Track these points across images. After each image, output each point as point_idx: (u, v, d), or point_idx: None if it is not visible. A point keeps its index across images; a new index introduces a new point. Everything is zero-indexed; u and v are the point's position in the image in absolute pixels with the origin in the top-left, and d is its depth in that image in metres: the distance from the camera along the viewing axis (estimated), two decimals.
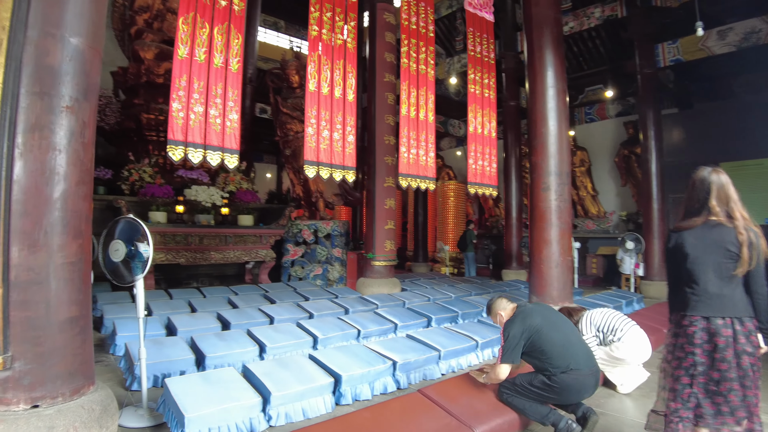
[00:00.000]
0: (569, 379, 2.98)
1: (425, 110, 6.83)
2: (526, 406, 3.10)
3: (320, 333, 4.99)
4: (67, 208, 2.39)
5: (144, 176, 8.11)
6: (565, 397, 3.07)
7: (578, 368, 3.00)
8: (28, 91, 2.30)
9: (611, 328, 4.07)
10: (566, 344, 3.07)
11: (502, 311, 3.39)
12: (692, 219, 2.35)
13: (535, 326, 3.08)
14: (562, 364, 2.98)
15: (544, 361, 3.04)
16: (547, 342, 3.04)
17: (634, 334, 4.03)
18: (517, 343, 3.05)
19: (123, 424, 3.10)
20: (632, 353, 4.00)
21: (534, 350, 3.07)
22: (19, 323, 2.24)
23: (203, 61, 4.50)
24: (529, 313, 3.19)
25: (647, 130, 9.43)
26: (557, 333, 3.11)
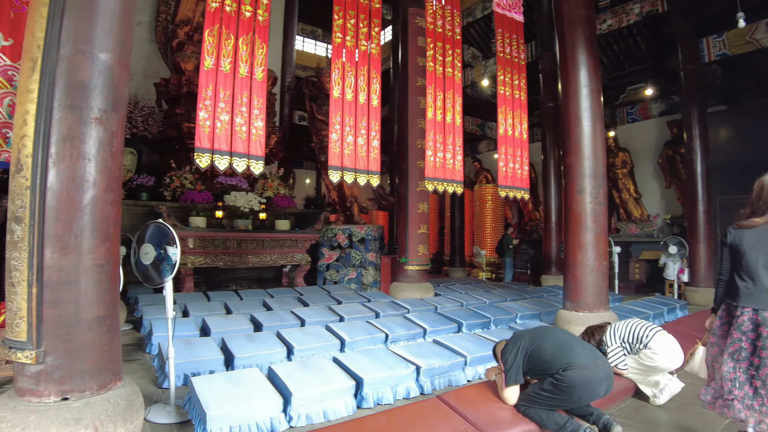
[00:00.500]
0: (573, 375, 2.95)
1: (452, 113, 6.81)
2: (543, 417, 3.06)
3: (348, 336, 5.05)
4: (96, 213, 2.54)
5: (185, 183, 8.45)
6: (577, 396, 3.00)
7: (579, 362, 2.98)
8: (61, 104, 2.46)
9: (637, 336, 3.94)
10: (561, 345, 3.11)
11: (499, 348, 3.49)
12: (754, 218, 2.58)
13: (525, 343, 3.20)
14: (561, 362, 3.00)
15: (546, 369, 3.06)
16: (541, 351, 3.11)
17: (661, 339, 3.88)
18: (515, 362, 3.15)
19: (151, 419, 3.25)
20: (661, 359, 3.84)
21: (533, 365, 3.13)
22: (51, 320, 2.39)
23: (228, 71, 4.66)
24: (519, 335, 3.32)
25: (692, 129, 9.04)
26: (549, 339, 3.18)
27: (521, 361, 3.15)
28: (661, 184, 11.67)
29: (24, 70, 2.48)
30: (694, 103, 9.13)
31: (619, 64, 12.32)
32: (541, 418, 3.06)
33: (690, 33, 9.37)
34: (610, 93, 12.51)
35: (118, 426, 2.44)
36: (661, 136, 11.73)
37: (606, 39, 11.31)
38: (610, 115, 12.68)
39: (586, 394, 3.01)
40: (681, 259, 8.62)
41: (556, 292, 8.75)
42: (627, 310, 6.90)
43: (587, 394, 3.01)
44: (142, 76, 10.50)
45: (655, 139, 11.88)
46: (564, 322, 5.83)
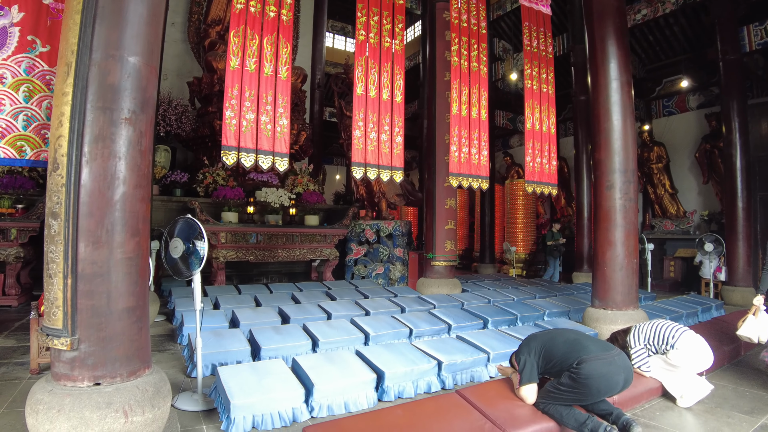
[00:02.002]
0: (588, 367, 2.97)
1: (477, 108, 6.74)
2: (563, 415, 3.04)
3: (372, 330, 5.12)
4: (126, 209, 2.67)
5: (217, 179, 8.69)
6: (596, 387, 3.00)
7: (595, 354, 3.02)
8: (93, 106, 2.60)
9: (663, 337, 3.86)
10: (572, 342, 3.16)
11: (513, 355, 3.55)
12: None
13: (538, 344, 3.25)
14: (573, 357, 3.04)
15: (561, 366, 3.10)
16: (554, 350, 3.16)
17: (688, 339, 3.79)
18: (528, 362, 3.19)
19: (178, 406, 3.40)
20: (689, 359, 3.76)
21: (548, 365, 3.17)
22: (84, 310, 2.54)
23: (254, 70, 4.77)
24: (532, 337, 3.38)
25: (731, 121, 8.68)
26: (560, 338, 3.24)
27: (535, 361, 3.19)
28: (699, 180, 11.26)
29: (59, 74, 2.63)
30: (734, 94, 8.77)
31: (655, 55, 11.93)
32: (561, 414, 3.04)
33: (730, 21, 8.98)
34: (645, 85, 12.13)
35: (146, 411, 2.57)
36: (698, 130, 11.31)
37: (641, 29, 10.96)
38: (644, 109, 12.30)
39: (605, 385, 3.01)
40: (718, 258, 8.32)
41: (587, 289, 8.60)
42: (658, 308, 6.74)
43: (605, 385, 3.01)
44: (176, 76, 10.81)
45: (692, 132, 11.47)
46: (592, 320, 5.76)
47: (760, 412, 3.62)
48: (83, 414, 2.40)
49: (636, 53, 11.83)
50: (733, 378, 4.43)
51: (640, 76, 12.01)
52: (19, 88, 3.47)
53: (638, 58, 12.00)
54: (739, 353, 5.13)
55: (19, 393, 3.53)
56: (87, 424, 2.39)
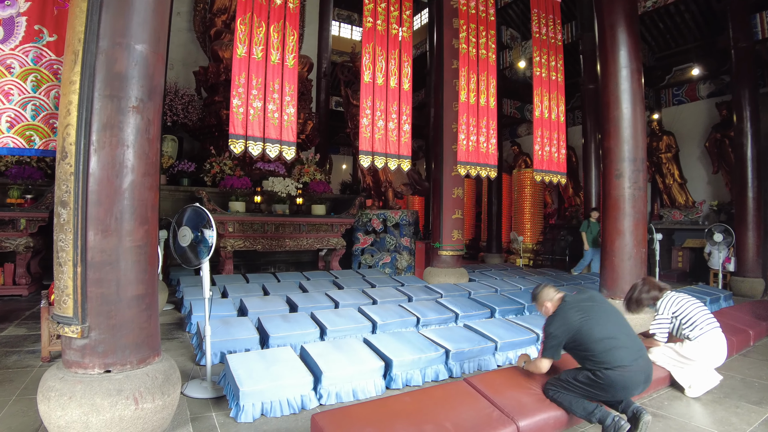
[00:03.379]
0: (614, 375, 2.90)
1: (486, 96, 6.68)
2: (572, 403, 3.03)
3: (380, 319, 5.14)
4: (135, 197, 2.68)
5: (225, 169, 8.70)
6: (612, 394, 2.98)
7: (624, 364, 2.90)
8: (101, 94, 2.60)
9: (691, 321, 3.77)
10: (610, 340, 2.97)
11: (549, 302, 3.26)
12: None
13: (575, 325, 3.03)
14: (606, 361, 2.91)
15: (588, 358, 2.99)
16: (588, 339, 2.98)
17: (714, 337, 3.74)
18: (558, 341, 3.05)
19: (188, 394, 3.43)
20: (705, 355, 3.73)
21: (576, 346, 3.04)
22: (94, 298, 2.56)
23: (260, 58, 4.75)
24: (571, 309, 3.11)
25: (742, 110, 8.55)
26: (600, 328, 3.01)
27: (563, 340, 3.04)
28: (708, 169, 11.13)
29: (66, 62, 2.63)
30: (745, 83, 8.63)
31: (666, 43, 11.74)
32: (570, 403, 3.03)
33: (742, 8, 8.82)
34: (655, 74, 11.96)
35: (156, 398, 2.60)
36: (709, 119, 11.16)
37: (651, 17, 10.77)
38: (654, 97, 12.14)
39: (621, 393, 2.98)
40: (727, 248, 8.25)
41: (594, 279, 8.56)
42: None
43: (621, 393, 2.98)
44: (182, 65, 10.79)
45: (702, 121, 11.31)
46: None
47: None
48: (94, 401, 2.43)
49: (646, 41, 11.65)
50: (742, 368, 4.41)
51: (650, 65, 11.84)
52: (27, 77, 3.47)
53: (648, 46, 11.82)
54: (748, 343, 5.11)
55: (30, 380, 3.58)
56: (98, 411, 2.42)
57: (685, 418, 3.36)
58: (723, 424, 3.26)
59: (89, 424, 2.41)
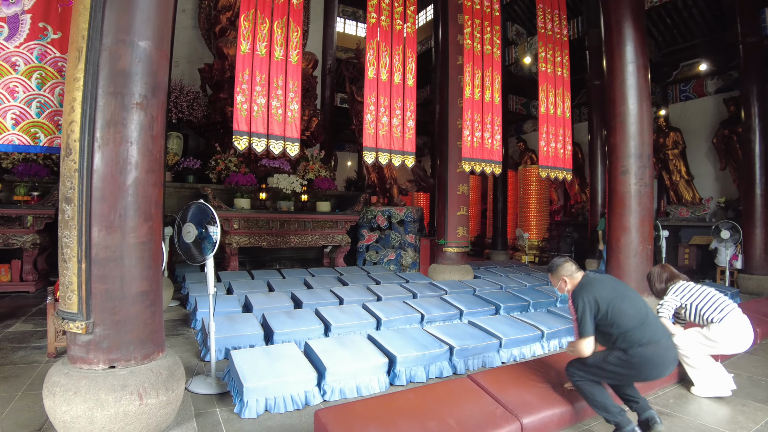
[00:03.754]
0: (648, 352, 2.76)
1: (491, 91, 6.65)
2: (595, 395, 2.89)
3: (384, 315, 5.14)
4: (138, 194, 2.68)
5: (230, 165, 8.72)
6: (645, 373, 2.83)
7: (656, 341, 2.79)
8: (104, 91, 2.60)
9: (712, 305, 3.69)
10: (641, 316, 2.85)
11: (568, 278, 3.06)
12: None
13: (605, 298, 2.85)
14: (639, 337, 2.78)
15: (618, 336, 2.82)
16: (619, 314, 2.81)
17: (737, 316, 3.65)
18: (588, 316, 2.85)
19: (192, 389, 3.44)
20: (731, 337, 3.62)
21: (605, 324, 2.85)
22: (99, 294, 2.57)
23: (264, 55, 4.75)
24: (597, 284, 2.94)
25: (750, 106, 8.47)
26: (629, 305, 2.86)
27: (592, 316, 2.85)
28: (716, 166, 11.04)
29: (70, 59, 2.63)
30: (753, 78, 8.55)
31: (672, 38, 11.64)
32: (593, 395, 2.89)
33: (750, 3, 8.73)
34: (662, 70, 11.86)
35: (160, 393, 2.61)
36: (716, 115, 11.06)
37: (658, 12, 10.69)
38: (661, 93, 12.04)
39: (655, 371, 2.83)
40: (734, 245, 8.18)
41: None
42: None
43: (656, 372, 2.83)
44: (187, 62, 10.81)
45: (710, 117, 11.21)
46: None
47: None
48: (99, 396, 2.44)
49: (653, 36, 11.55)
50: (749, 366, 4.38)
51: (657, 60, 11.74)
52: (32, 75, 3.49)
53: (655, 41, 11.73)
54: (755, 341, 5.06)
55: (37, 376, 3.61)
56: (103, 406, 2.43)
57: (690, 416, 3.34)
58: (729, 423, 3.24)
59: (94, 419, 2.42)
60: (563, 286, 3.10)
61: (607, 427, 3.11)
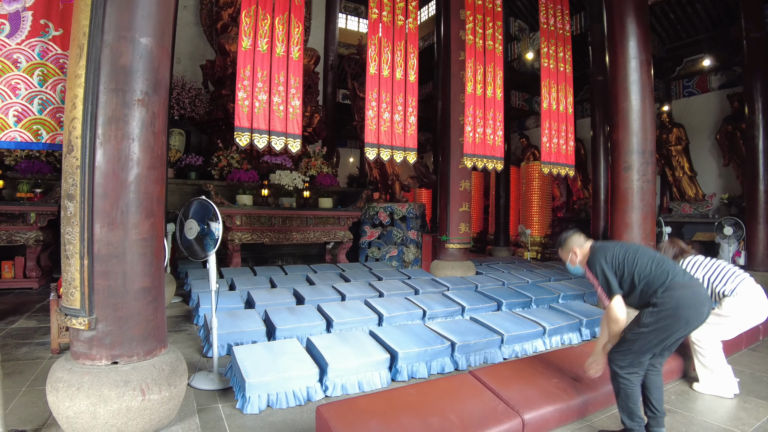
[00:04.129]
0: (677, 294, 2.63)
1: (492, 87, 6.64)
2: (629, 399, 2.74)
3: (386, 311, 5.14)
4: (140, 191, 2.69)
5: (232, 162, 8.72)
6: (684, 318, 2.63)
7: (682, 282, 2.67)
8: (106, 88, 2.61)
9: (723, 278, 3.62)
10: (658, 259, 2.77)
11: (578, 248, 3.01)
12: None
13: (618, 254, 2.81)
14: (662, 279, 2.68)
15: (643, 287, 2.73)
16: (636, 264, 2.76)
17: (750, 286, 3.57)
18: (608, 273, 2.77)
19: (195, 385, 3.46)
20: (744, 309, 3.55)
21: (627, 277, 2.77)
22: (101, 290, 2.58)
23: (265, 51, 4.74)
24: (608, 246, 2.91)
25: (754, 102, 8.41)
26: (643, 253, 2.82)
27: (612, 271, 2.78)
28: (719, 162, 11.00)
29: (72, 56, 2.64)
30: (757, 74, 8.49)
31: (676, 34, 11.59)
32: (627, 399, 2.74)
33: None
34: (665, 65, 11.81)
35: (163, 389, 2.62)
36: (720, 111, 11.01)
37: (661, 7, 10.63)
38: (664, 89, 11.99)
39: (693, 315, 2.65)
40: (737, 242, 8.15)
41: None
42: None
43: (694, 315, 2.65)
44: (189, 59, 10.81)
45: (713, 113, 11.16)
46: None
47: None
48: (102, 392, 2.45)
49: (656, 32, 11.50)
50: (750, 363, 4.38)
51: (660, 56, 11.69)
52: (34, 72, 3.49)
53: (658, 36, 11.67)
54: (757, 338, 5.06)
55: (40, 372, 3.63)
56: (105, 402, 2.45)
57: (692, 413, 3.34)
58: (731, 419, 3.24)
59: (97, 415, 2.44)
60: (574, 258, 3.04)
61: (608, 423, 3.12)
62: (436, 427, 2.60)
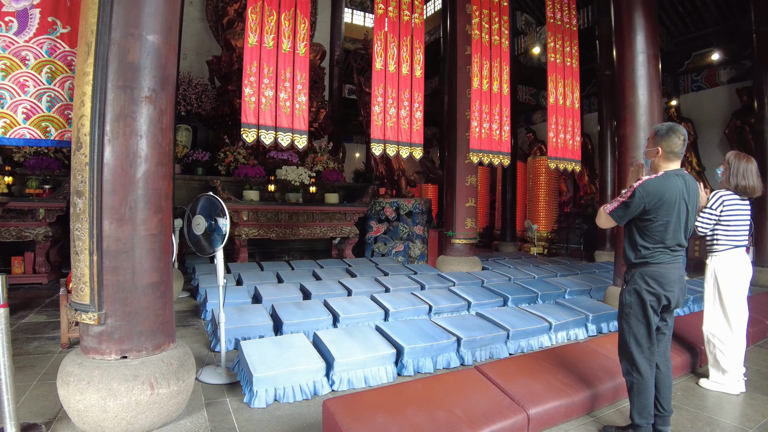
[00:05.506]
0: (647, 270, 2.66)
1: (499, 82, 6.60)
2: (641, 394, 2.72)
3: (392, 306, 5.17)
4: (148, 187, 2.71)
5: (238, 158, 8.76)
6: (655, 294, 2.64)
7: (657, 257, 2.66)
8: (114, 85, 2.62)
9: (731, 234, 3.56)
10: (665, 229, 2.64)
11: (663, 151, 2.75)
12: None
13: (665, 199, 2.60)
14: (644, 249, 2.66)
15: (629, 241, 2.73)
16: (653, 221, 2.63)
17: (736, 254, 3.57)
18: (634, 207, 2.63)
19: (202, 379, 3.49)
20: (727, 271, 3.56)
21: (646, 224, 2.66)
22: (110, 286, 2.61)
23: (272, 47, 4.75)
24: (669, 183, 2.63)
25: (763, 96, 8.32)
26: (668, 217, 2.63)
27: (643, 203, 2.60)
28: None
29: (80, 54, 2.66)
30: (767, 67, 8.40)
31: (685, 27, 11.47)
32: (640, 394, 2.72)
33: None
34: (673, 59, 11.70)
35: (171, 383, 2.65)
36: (729, 105, 10.90)
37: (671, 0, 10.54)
38: (672, 84, 11.88)
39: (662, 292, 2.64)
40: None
41: (609, 268, 8.49)
42: None
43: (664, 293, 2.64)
44: (195, 55, 10.84)
45: (722, 108, 11.05)
46: (613, 299, 5.72)
47: None
48: (111, 386, 2.49)
49: (664, 25, 11.39)
50: (758, 360, 4.35)
51: (668, 50, 11.58)
52: (42, 69, 3.51)
53: (666, 30, 11.56)
54: (765, 334, 5.03)
55: (51, 366, 3.67)
56: (115, 396, 2.48)
57: (698, 409, 3.33)
58: (737, 416, 3.23)
59: (107, 408, 2.47)
60: (655, 155, 2.80)
61: (613, 418, 3.13)
62: (442, 421, 2.61)
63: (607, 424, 3.00)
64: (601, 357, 3.69)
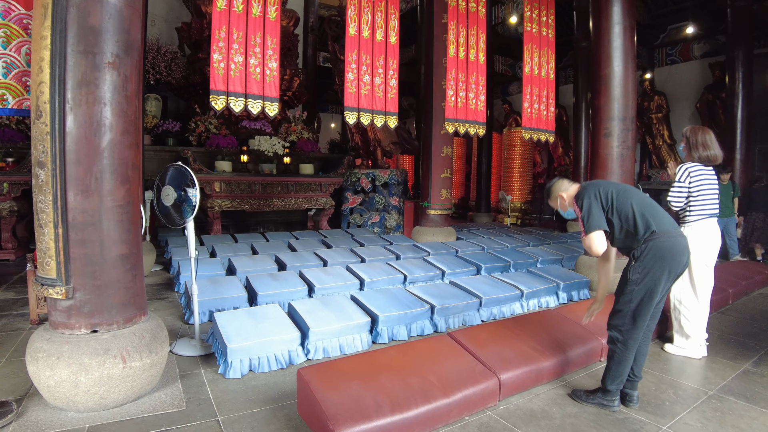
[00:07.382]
0: (657, 244, 2.62)
1: (475, 50, 6.53)
2: (621, 365, 2.77)
3: (367, 276, 5.20)
4: (114, 156, 2.63)
5: (210, 128, 8.55)
6: (667, 268, 2.63)
7: (662, 228, 2.65)
8: (74, 50, 2.50)
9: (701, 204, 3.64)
10: (648, 205, 2.71)
11: (564, 192, 2.94)
12: None
13: (607, 189, 2.74)
14: (643, 228, 2.65)
15: (626, 232, 2.71)
16: (625, 206, 2.69)
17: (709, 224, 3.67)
18: (595, 207, 2.70)
19: (177, 352, 3.48)
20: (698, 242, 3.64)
21: (615, 214, 2.71)
22: (78, 259, 2.55)
23: (241, 11, 4.58)
24: (599, 182, 2.85)
25: (735, 71, 8.47)
26: (635, 196, 2.74)
27: (600, 207, 2.71)
28: None
29: (36, 16, 2.52)
30: (740, 43, 8.51)
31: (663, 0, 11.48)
32: (619, 364, 2.78)
33: None
34: (649, 32, 11.74)
35: (144, 356, 2.64)
36: (701, 80, 11.05)
37: None
38: (647, 57, 11.97)
39: (674, 265, 2.65)
40: None
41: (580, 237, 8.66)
42: None
43: (675, 265, 2.65)
44: (164, 22, 10.41)
45: (695, 82, 11.21)
46: (585, 267, 5.86)
47: (743, 358, 3.71)
48: (82, 360, 2.46)
49: None
50: (719, 326, 4.52)
51: (645, 23, 11.60)
52: None
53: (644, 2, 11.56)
54: (727, 302, 5.24)
55: (20, 342, 3.60)
56: (86, 370, 2.46)
57: (662, 372, 3.46)
58: (699, 379, 3.36)
59: (78, 383, 2.45)
60: (562, 203, 2.97)
61: (583, 382, 3.23)
62: (415, 387, 2.67)
63: (576, 388, 3.10)
64: (572, 324, 3.78)
